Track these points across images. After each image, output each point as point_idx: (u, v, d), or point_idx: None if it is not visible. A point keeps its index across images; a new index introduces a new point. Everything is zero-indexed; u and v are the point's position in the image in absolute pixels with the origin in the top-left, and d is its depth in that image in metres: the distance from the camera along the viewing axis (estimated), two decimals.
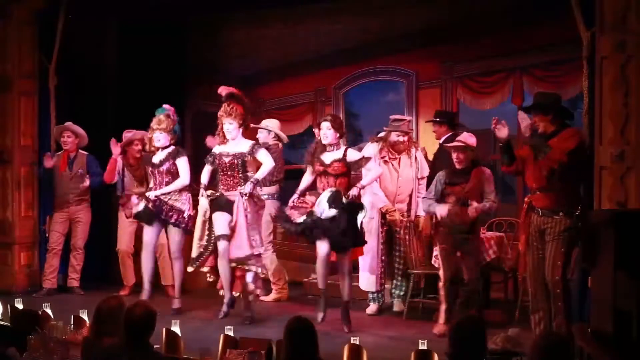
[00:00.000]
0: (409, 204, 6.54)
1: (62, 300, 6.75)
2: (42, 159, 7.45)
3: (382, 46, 7.85)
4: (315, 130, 6.24)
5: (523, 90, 6.90)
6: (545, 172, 4.91)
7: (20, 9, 7.53)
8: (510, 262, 6.16)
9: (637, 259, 4.10)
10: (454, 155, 5.72)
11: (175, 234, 6.40)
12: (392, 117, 6.54)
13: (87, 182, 7.26)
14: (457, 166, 5.72)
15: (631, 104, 4.91)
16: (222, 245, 5.84)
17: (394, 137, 6.41)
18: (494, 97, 7.19)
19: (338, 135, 5.86)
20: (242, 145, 6.00)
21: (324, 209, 5.60)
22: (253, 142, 6.09)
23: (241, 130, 6.00)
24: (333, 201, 5.62)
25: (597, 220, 4.58)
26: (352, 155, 5.85)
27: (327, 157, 5.86)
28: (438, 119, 6.62)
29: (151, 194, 6.31)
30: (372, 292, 6.48)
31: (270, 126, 6.98)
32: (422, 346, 4.49)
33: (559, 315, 4.94)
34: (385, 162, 6.45)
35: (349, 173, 5.88)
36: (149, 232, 6.44)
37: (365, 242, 5.97)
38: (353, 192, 5.71)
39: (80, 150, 7.41)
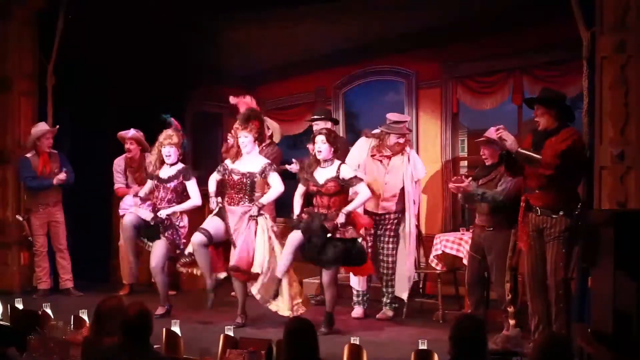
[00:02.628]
0: (397, 204, 6.40)
1: (61, 301, 6.75)
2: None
3: (382, 46, 7.84)
4: (310, 145, 6.17)
5: (523, 90, 6.89)
6: (543, 176, 4.92)
7: (21, 9, 7.53)
8: (510, 262, 6.14)
9: (637, 259, 4.10)
10: (481, 152, 5.71)
11: (157, 248, 6.27)
12: (390, 116, 6.40)
13: (62, 175, 7.12)
14: (486, 162, 5.71)
15: (631, 104, 4.91)
16: (197, 237, 5.83)
17: (393, 139, 6.34)
18: (494, 97, 7.18)
19: (333, 149, 5.82)
20: (254, 163, 5.95)
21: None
22: (267, 162, 6.00)
23: (256, 144, 5.98)
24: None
25: (597, 220, 4.58)
26: (345, 172, 5.79)
27: (321, 175, 5.81)
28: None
29: (162, 213, 6.20)
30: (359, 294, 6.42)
31: (269, 123, 6.95)
32: (422, 346, 4.49)
33: (561, 316, 4.93)
34: (376, 159, 6.35)
35: (345, 190, 5.83)
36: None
37: (361, 263, 5.89)
38: (340, 219, 5.63)
39: (51, 150, 7.33)
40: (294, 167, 6.55)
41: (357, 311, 6.36)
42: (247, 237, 5.82)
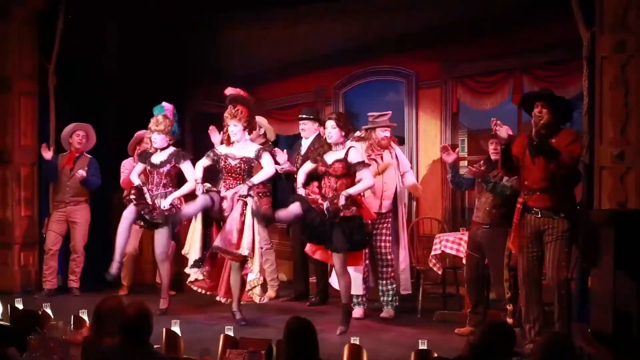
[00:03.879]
0: (395, 200, 6.44)
1: (62, 301, 6.75)
2: (41, 160, 7.39)
3: (382, 46, 7.84)
4: (321, 129, 6.19)
5: (523, 90, 6.87)
6: (550, 175, 4.89)
7: (21, 9, 7.53)
8: (511, 262, 6.13)
9: (637, 259, 4.11)
10: (492, 147, 5.70)
11: (161, 236, 6.33)
12: (371, 114, 6.47)
13: (83, 172, 7.15)
14: (493, 157, 5.71)
15: (631, 104, 4.91)
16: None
17: (379, 133, 6.36)
18: (494, 97, 7.18)
19: (344, 133, 5.79)
20: (248, 149, 5.99)
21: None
22: (259, 146, 6.08)
23: (246, 132, 5.98)
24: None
25: (597, 220, 4.58)
26: (353, 156, 5.73)
27: (330, 157, 5.78)
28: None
29: (165, 204, 6.24)
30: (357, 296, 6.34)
31: (261, 122, 6.97)
32: (422, 346, 4.49)
33: (562, 316, 4.91)
34: (371, 159, 6.31)
35: (352, 174, 5.75)
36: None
37: (365, 245, 5.90)
38: (341, 201, 5.54)
39: (84, 153, 7.38)
40: (281, 161, 6.53)
41: (357, 311, 6.35)
42: (233, 217, 5.82)
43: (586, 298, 4.90)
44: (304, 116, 6.85)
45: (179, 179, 6.45)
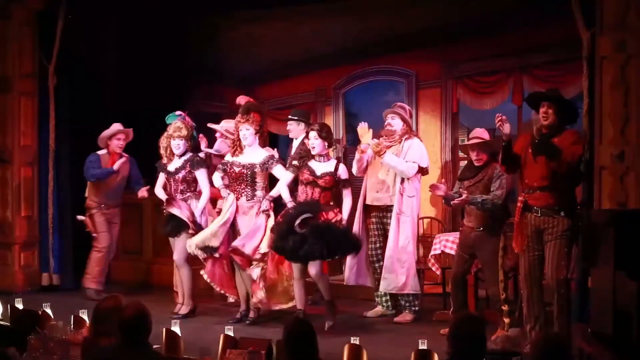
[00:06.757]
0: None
1: (62, 300, 6.74)
2: (41, 160, 7.35)
3: (382, 46, 7.85)
4: (306, 140, 6.14)
5: (523, 90, 6.90)
6: (551, 173, 4.88)
7: (20, 9, 7.54)
8: (510, 262, 6.12)
9: (637, 259, 4.11)
10: (472, 154, 5.61)
11: (180, 242, 6.31)
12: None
13: (145, 193, 6.95)
14: (475, 163, 5.63)
15: (631, 104, 4.92)
16: None
17: (386, 121, 6.23)
18: (494, 97, 7.19)
19: (327, 144, 5.82)
20: (255, 155, 6.02)
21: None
22: (269, 154, 6.07)
23: (257, 137, 6.01)
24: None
25: (597, 220, 4.58)
26: (343, 172, 5.86)
27: (318, 168, 5.82)
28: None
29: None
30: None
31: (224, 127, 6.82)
32: (422, 346, 4.48)
33: (562, 315, 4.91)
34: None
35: (335, 187, 5.87)
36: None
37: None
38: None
39: (122, 153, 7.24)
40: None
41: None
42: (254, 227, 5.90)
43: (586, 298, 4.90)
44: (289, 117, 6.82)
45: (196, 184, 6.38)
